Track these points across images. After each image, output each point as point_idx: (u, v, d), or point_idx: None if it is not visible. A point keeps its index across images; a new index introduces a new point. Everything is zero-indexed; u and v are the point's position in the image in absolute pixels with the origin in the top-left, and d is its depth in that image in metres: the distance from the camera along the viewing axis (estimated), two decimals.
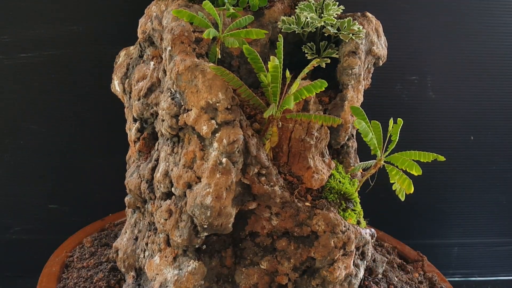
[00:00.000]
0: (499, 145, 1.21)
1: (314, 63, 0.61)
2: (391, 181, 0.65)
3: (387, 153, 0.66)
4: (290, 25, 0.69)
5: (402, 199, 0.64)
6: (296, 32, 0.69)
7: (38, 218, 1.14)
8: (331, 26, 0.68)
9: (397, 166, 0.64)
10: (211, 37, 0.61)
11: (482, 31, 1.12)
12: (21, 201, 1.12)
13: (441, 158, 0.64)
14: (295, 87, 0.59)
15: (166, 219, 0.64)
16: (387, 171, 0.65)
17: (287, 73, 0.60)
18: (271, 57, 0.58)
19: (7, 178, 1.10)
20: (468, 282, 1.31)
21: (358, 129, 0.65)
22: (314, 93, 0.59)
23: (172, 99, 0.62)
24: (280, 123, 0.63)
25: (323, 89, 0.59)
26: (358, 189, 0.71)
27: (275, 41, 0.69)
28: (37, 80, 1.03)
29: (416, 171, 0.62)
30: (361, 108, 0.66)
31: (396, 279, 0.79)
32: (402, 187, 0.64)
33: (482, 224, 1.28)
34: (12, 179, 1.10)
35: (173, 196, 0.64)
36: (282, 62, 0.60)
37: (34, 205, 1.13)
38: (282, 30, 0.69)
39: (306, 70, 0.61)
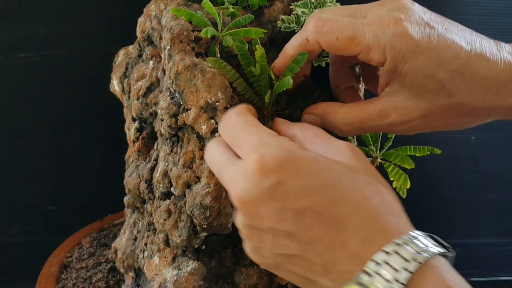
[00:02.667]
0: (500, 145, 1.21)
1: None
2: (391, 179, 0.65)
3: (384, 150, 0.67)
4: (290, 24, 0.68)
5: (404, 196, 0.64)
6: (296, 31, 0.68)
7: (36, 220, 1.13)
8: None
9: (391, 162, 0.65)
10: (209, 36, 0.61)
11: (482, 31, 1.12)
12: (18, 203, 1.11)
13: (437, 151, 0.65)
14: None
15: (165, 219, 0.63)
16: (385, 169, 0.65)
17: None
18: (256, 46, 0.58)
19: (4, 180, 1.09)
20: (468, 282, 1.30)
21: None
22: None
23: (171, 98, 0.62)
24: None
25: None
26: None
27: (275, 40, 0.69)
28: (36, 80, 1.03)
29: (409, 165, 0.64)
30: None
31: None
32: (399, 183, 0.65)
33: (483, 224, 1.28)
34: (9, 180, 1.10)
35: (172, 196, 0.64)
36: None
37: (32, 207, 1.12)
38: (281, 29, 0.69)
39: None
